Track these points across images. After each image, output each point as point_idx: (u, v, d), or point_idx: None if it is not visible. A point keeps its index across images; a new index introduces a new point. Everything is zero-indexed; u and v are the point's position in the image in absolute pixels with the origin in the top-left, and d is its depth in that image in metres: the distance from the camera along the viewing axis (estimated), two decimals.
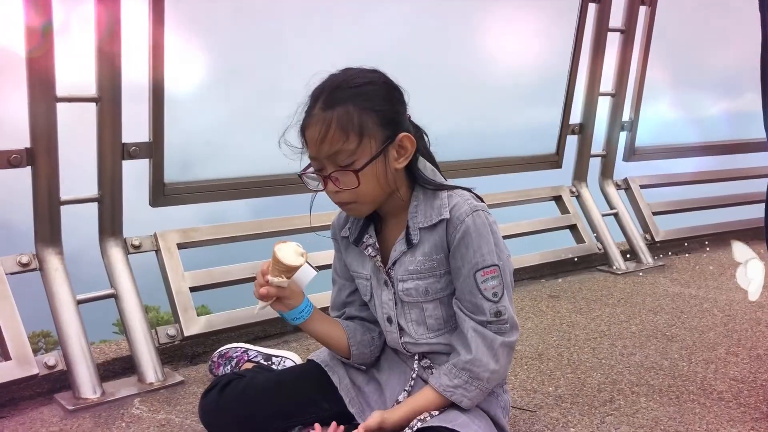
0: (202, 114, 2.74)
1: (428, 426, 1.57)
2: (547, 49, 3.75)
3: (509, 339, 1.62)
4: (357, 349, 1.78)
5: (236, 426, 1.75)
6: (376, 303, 1.77)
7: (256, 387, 1.77)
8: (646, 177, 4.23)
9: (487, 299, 1.59)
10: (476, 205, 1.61)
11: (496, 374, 1.62)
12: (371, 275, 1.75)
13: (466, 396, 1.61)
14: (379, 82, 1.58)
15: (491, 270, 1.59)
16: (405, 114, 1.63)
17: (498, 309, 1.60)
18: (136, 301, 2.40)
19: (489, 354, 1.60)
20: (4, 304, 2.18)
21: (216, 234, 2.72)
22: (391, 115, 1.57)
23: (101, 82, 2.27)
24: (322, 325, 1.76)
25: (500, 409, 1.73)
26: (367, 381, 1.81)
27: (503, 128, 3.77)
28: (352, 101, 1.52)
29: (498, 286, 1.60)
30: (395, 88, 1.62)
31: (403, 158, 1.59)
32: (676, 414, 2.05)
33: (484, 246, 1.58)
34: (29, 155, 2.22)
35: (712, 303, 3.14)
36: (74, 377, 2.20)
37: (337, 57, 1.68)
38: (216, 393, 1.77)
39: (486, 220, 1.60)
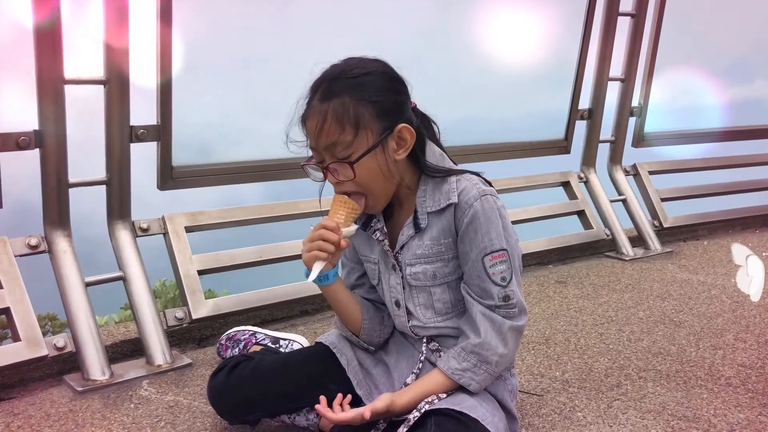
0: (211, 97, 2.74)
1: (436, 408, 1.57)
2: (556, 33, 3.72)
3: (518, 323, 1.62)
4: (368, 324, 1.78)
5: (244, 407, 1.77)
6: (384, 287, 1.77)
7: (264, 369, 1.77)
8: (655, 163, 4.21)
9: (495, 284, 1.59)
10: (485, 189, 1.60)
11: (504, 358, 1.62)
12: (379, 259, 1.75)
13: (474, 379, 1.61)
14: (377, 72, 1.56)
15: (500, 254, 1.58)
16: (406, 104, 1.61)
17: (506, 293, 1.60)
18: (144, 284, 2.41)
19: (498, 338, 1.60)
20: (13, 286, 2.19)
21: (224, 217, 2.72)
22: (389, 105, 1.55)
23: (109, 65, 2.26)
24: (344, 290, 1.76)
25: (507, 392, 1.73)
26: (375, 363, 1.82)
27: (512, 113, 3.76)
28: (348, 92, 1.52)
29: (506, 270, 1.60)
30: (395, 79, 1.60)
31: (403, 150, 1.58)
32: (684, 399, 2.05)
33: (493, 230, 1.58)
34: (38, 137, 2.22)
35: (721, 289, 3.13)
36: (83, 359, 2.21)
37: (348, 42, 1.69)
38: (224, 375, 1.78)
39: (494, 205, 1.59)
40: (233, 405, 1.77)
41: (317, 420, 1.82)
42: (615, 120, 3.99)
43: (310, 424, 1.84)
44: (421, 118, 1.65)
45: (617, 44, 3.75)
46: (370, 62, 1.59)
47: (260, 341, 2.27)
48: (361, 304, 1.79)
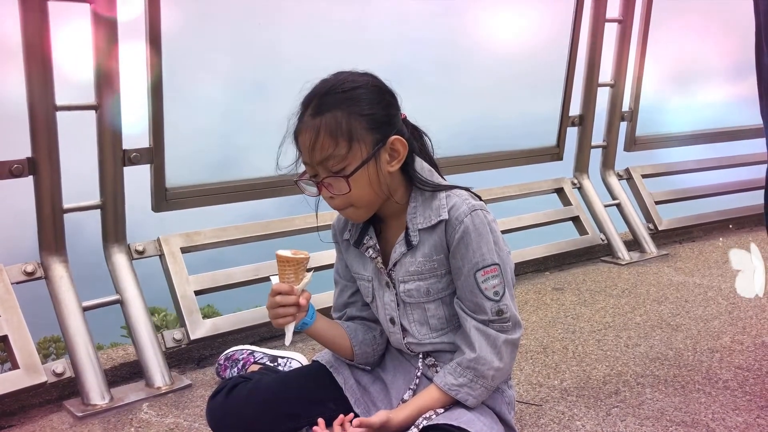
0: (203, 118, 2.75)
1: (434, 424, 1.57)
2: (544, 40, 3.74)
3: (512, 336, 1.63)
4: (359, 349, 1.79)
5: (243, 429, 1.76)
6: (378, 304, 1.77)
7: (262, 389, 1.77)
8: (647, 166, 4.23)
9: (488, 298, 1.60)
10: (474, 204, 1.61)
11: (500, 372, 1.63)
12: (372, 276, 1.76)
13: (471, 394, 1.62)
14: (368, 85, 1.57)
15: (491, 269, 1.59)
16: (397, 116, 1.61)
17: (499, 308, 1.60)
18: (142, 306, 2.42)
19: (493, 352, 1.61)
20: (10, 314, 2.19)
21: (219, 237, 2.72)
22: (381, 118, 1.56)
23: (100, 90, 2.28)
24: (326, 327, 1.77)
25: (505, 404, 1.73)
26: (373, 381, 1.82)
27: (503, 122, 3.77)
28: (340, 107, 1.52)
29: (499, 285, 1.60)
30: (386, 91, 1.61)
31: (396, 161, 1.59)
32: (682, 404, 2.06)
33: (484, 245, 1.58)
34: (31, 165, 2.24)
35: (717, 291, 3.14)
36: (82, 384, 2.21)
37: (339, 57, 1.69)
38: (222, 396, 1.78)
39: (485, 219, 1.60)
40: (232, 427, 1.76)
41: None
42: (606, 125, 4.01)
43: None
44: (411, 129, 1.66)
45: (605, 50, 3.77)
46: (360, 76, 1.59)
47: (258, 360, 2.28)
48: (348, 332, 1.79)
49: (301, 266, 1.60)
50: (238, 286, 2.67)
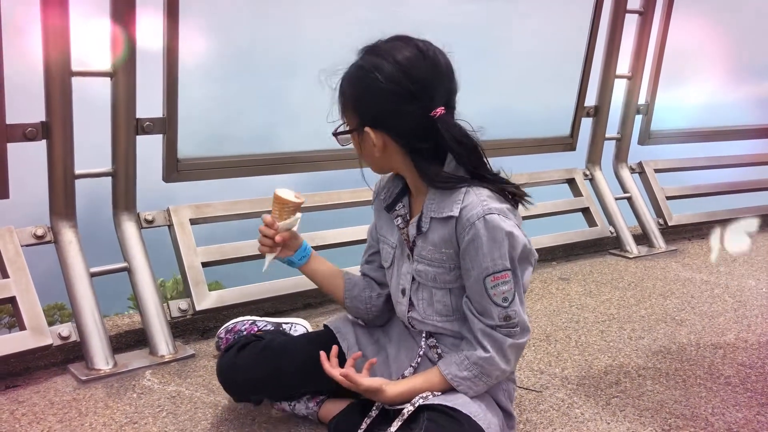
0: (217, 90, 2.75)
1: (429, 404, 1.59)
2: (563, 30, 3.71)
3: (518, 341, 1.60)
4: (350, 303, 1.86)
5: (250, 386, 1.81)
6: (394, 272, 1.78)
7: (273, 349, 1.82)
8: (660, 161, 4.21)
9: (496, 304, 1.56)
10: (490, 207, 1.53)
11: (504, 373, 1.64)
12: (397, 244, 1.75)
13: (472, 388, 1.62)
14: (375, 72, 1.52)
15: (502, 275, 1.54)
16: (395, 113, 1.54)
17: (507, 313, 1.57)
18: (149, 275, 2.44)
19: (500, 355, 1.59)
20: (19, 276, 2.21)
21: (229, 210, 2.73)
22: (365, 109, 1.57)
23: (116, 57, 2.28)
24: (321, 266, 1.86)
25: (502, 392, 1.73)
26: (377, 351, 1.83)
27: (517, 110, 3.75)
28: (348, 81, 1.59)
29: (509, 291, 1.56)
30: (392, 90, 1.51)
31: (378, 150, 1.59)
32: (682, 397, 2.06)
33: (496, 251, 1.53)
34: (45, 129, 2.25)
35: (723, 289, 3.13)
36: (87, 348, 2.23)
37: (352, 37, 1.68)
38: (234, 352, 1.82)
39: (500, 224, 1.52)
40: (240, 383, 1.81)
41: (317, 409, 1.86)
42: (621, 117, 3.99)
43: (309, 413, 1.88)
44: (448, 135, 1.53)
45: (624, 41, 3.74)
46: (389, 53, 1.53)
47: (262, 328, 2.29)
48: (346, 285, 1.86)
49: (287, 207, 1.71)
50: (246, 260, 2.67)
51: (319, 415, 1.86)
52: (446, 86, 1.57)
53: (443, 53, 1.59)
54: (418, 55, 1.53)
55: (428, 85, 1.53)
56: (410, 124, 1.55)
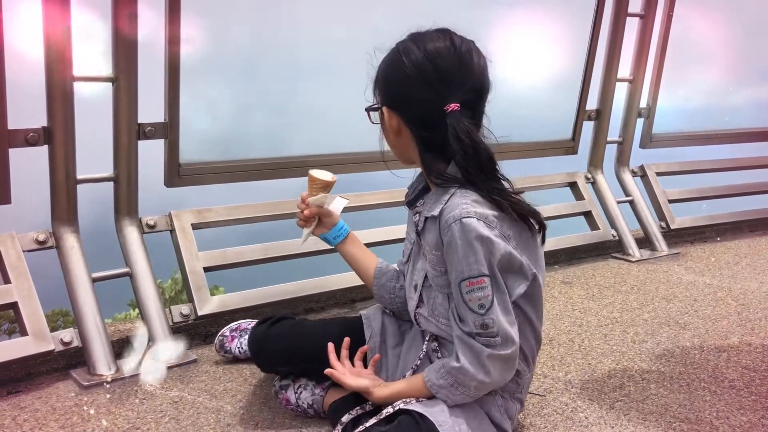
0: (219, 94, 2.75)
1: (405, 409, 1.60)
2: (564, 33, 3.71)
3: (500, 352, 1.53)
4: (377, 291, 1.93)
5: (278, 356, 1.91)
6: (410, 267, 1.79)
7: (305, 326, 1.92)
8: (662, 164, 4.20)
9: (471, 310, 1.52)
10: (469, 211, 1.50)
11: (485, 385, 1.58)
12: (415, 240, 1.75)
13: (449, 397, 1.60)
14: (403, 56, 1.56)
15: (478, 281, 1.50)
16: (413, 98, 1.55)
17: (484, 321, 1.51)
18: (151, 280, 2.43)
19: (476, 365, 1.54)
20: (21, 281, 2.21)
21: (230, 215, 2.73)
22: (387, 90, 1.61)
23: (118, 62, 2.28)
24: (357, 250, 1.96)
25: (496, 407, 1.70)
26: (394, 345, 1.87)
27: (519, 113, 3.75)
28: (384, 61, 1.62)
29: (485, 297, 1.50)
30: (413, 76, 1.53)
31: (393, 132, 1.62)
32: (686, 401, 2.05)
33: (471, 255, 1.49)
34: (46, 134, 2.25)
35: (726, 292, 3.13)
36: (89, 354, 2.23)
37: (354, 41, 1.70)
38: (267, 325, 1.94)
39: (475, 228, 1.48)
40: (270, 353, 1.92)
41: (323, 394, 1.90)
42: (622, 121, 3.99)
43: (315, 400, 1.91)
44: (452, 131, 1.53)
45: (625, 45, 3.74)
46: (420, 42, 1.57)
47: None
48: (376, 272, 1.93)
49: (315, 185, 1.88)
50: (247, 265, 2.67)
51: (325, 401, 1.89)
52: (470, 84, 1.56)
53: (480, 54, 1.59)
54: (449, 48, 1.55)
55: (449, 78, 1.53)
56: (422, 111, 1.56)
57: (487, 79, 1.60)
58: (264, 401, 2.04)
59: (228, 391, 2.13)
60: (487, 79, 1.59)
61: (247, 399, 2.06)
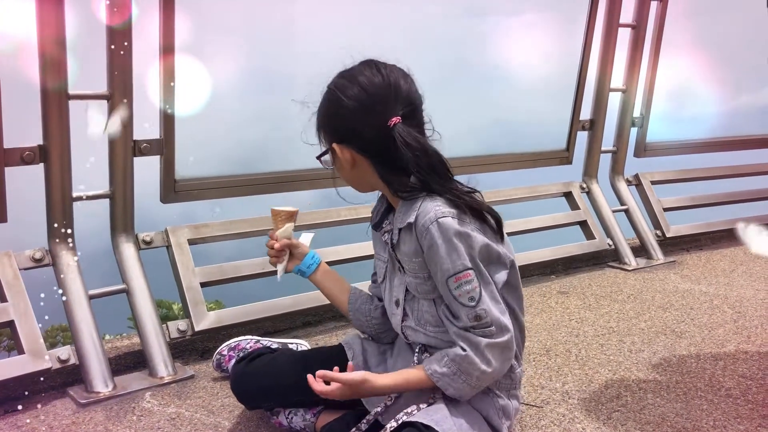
0: (215, 110, 2.76)
1: (409, 421, 1.60)
2: (557, 44, 3.74)
3: (496, 340, 1.59)
4: (353, 315, 1.94)
5: (261, 394, 1.89)
6: (387, 286, 1.82)
7: (281, 361, 1.89)
8: (657, 173, 4.22)
9: (463, 305, 1.58)
10: (443, 211, 1.58)
11: (486, 375, 1.61)
12: (388, 259, 1.79)
13: (451, 385, 1.62)
14: (339, 92, 1.63)
15: (464, 275, 1.56)
16: (362, 131, 1.61)
17: (476, 313, 1.57)
18: (148, 297, 2.43)
19: (478, 356, 1.59)
20: (18, 300, 2.21)
21: (227, 230, 2.74)
22: (333, 128, 1.67)
23: (112, 80, 2.29)
24: (330, 278, 1.96)
25: (494, 409, 1.72)
26: (378, 363, 1.88)
27: (513, 124, 3.77)
28: (320, 104, 1.69)
29: (474, 290, 1.57)
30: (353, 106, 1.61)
31: (349, 165, 1.67)
32: (683, 410, 2.05)
33: (453, 252, 1.56)
34: (42, 152, 2.25)
35: (723, 300, 3.13)
36: (86, 371, 2.23)
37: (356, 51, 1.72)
38: (245, 363, 1.91)
39: (452, 226, 1.56)
40: (253, 392, 1.90)
41: (314, 420, 1.90)
42: (616, 130, 4.01)
43: (306, 425, 1.91)
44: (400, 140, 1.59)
45: (618, 55, 3.77)
46: (352, 76, 1.64)
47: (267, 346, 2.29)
48: (350, 296, 1.95)
49: (279, 217, 1.91)
50: (245, 279, 2.67)
51: (317, 426, 1.90)
52: (402, 99, 1.63)
53: (404, 72, 1.67)
54: (376, 74, 1.64)
55: (384, 99, 1.61)
56: (370, 135, 1.62)
57: (416, 92, 1.67)
58: (261, 417, 2.04)
59: (226, 407, 2.13)
60: (415, 92, 1.67)
61: (244, 415, 2.06)
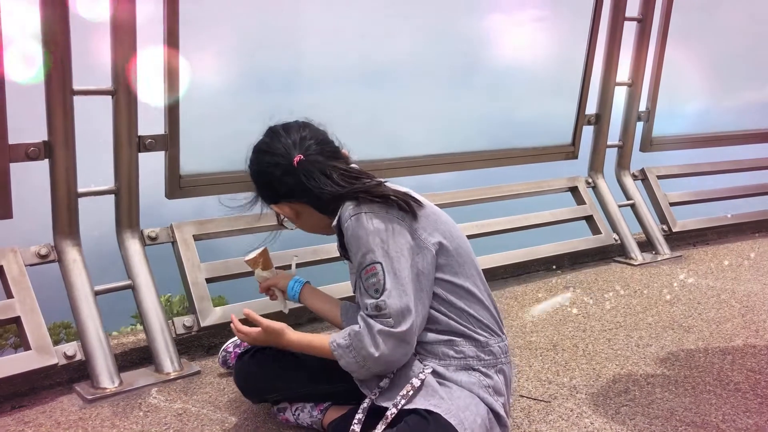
0: (219, 105, 2.75)
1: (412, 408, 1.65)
2: (562, 39, 3.72)
3: (391, 329, 1.65)
4: (347, 325, 1.92)
5: (265, 388, 1.93)
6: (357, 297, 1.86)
7: (285, 356, 1.89)
8: (663, 167, 4.20)
9: (369, 295, 1.67)
10: (353, 210, 1.71)
11: (374, 358, 1.66)
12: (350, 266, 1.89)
13: (343, 357, 1.71)
14: (253, 166, 1.84)
15: (371, 268, 1.67)
16: (279, 186, 1.78)
17: (377, 304, 1.66)
18: (153, 292, 2.43)
19: (368, 338, 1.66)
20: (23, 296, 2.21)
21: (232, 226, 2.73)
22: (265, 192, 1.85)
23: (117, 75, 2.29)
24: (316, 300, 2.03)
25: (483, 388, 1.74)
26: None
27: (519, 119, 3.75)
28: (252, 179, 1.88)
29: (378, 282, 1.66)
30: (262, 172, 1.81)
31: (294, 216, 1.83)
32: (692, 404, 2.04)
33: (363, 246, 1.68)
34: (47, 148, 2.25)
35: (730, 294, 3.12)
36: (92, 367, 2.23)
37: (349, 50, 1.71)
38: (248, 358, 1.96)
39: (363, 222, 1.68)
40: (257, 387, 1.94)
41: (321, 417, 1.91)
42: (622, 125, 3.99)
43: (313, 422, 1.93)
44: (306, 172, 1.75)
45: (624, 49, 3.75)
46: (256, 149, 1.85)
47: None
48: (341, 309, 1.98)
49: (255, 265, 2.08)
50: (250, 275, 2.66)
51: (323, 422, 1.91)
52: (299, 142, 1.78)
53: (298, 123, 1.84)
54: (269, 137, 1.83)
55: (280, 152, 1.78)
56: (289, 183, 1.76)
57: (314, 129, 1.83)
58: (268, 412, 2.03)
59: (232, 403, 2.12)
60: (314, 129, 1.83)
61: (251, 411, 2.06)
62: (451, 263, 1.76)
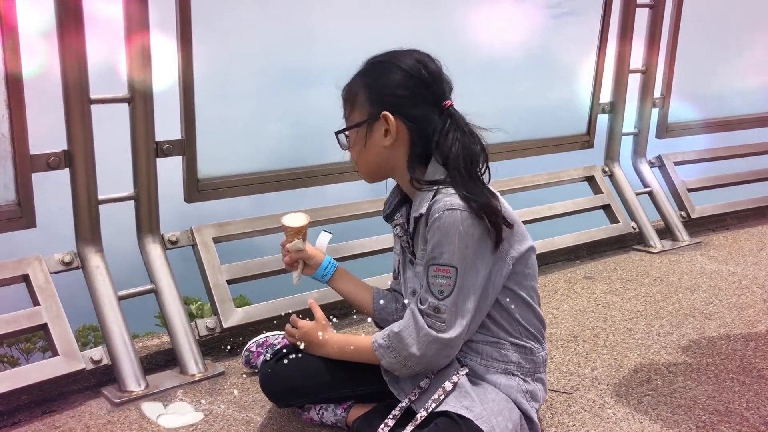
0: (235, 107, 2.77)
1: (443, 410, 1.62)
2: (574, 27, 3.70)
3: (438, 335, 1.61)
4: (379, 314, 1.96)
5: (290, 392, 1.89)
6: (401, 278, 1.86)
7: (311, 357, 1.86)
8: (680, 153, 4.17)
9: (432, 294, 1.61)
10: (454, 203, 1.59)
11: (415, 360, 1.64)
12: (401, 252, 1.84)
13: (384, 357, 1.68)
14: (394, 65, 1.66)
15: (445, 269, 1.59)
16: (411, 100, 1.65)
17: (438, 306, 1.61)
18: (176, 295, 2.46)
19: (413, 338, 1.63)
20: (49, 303, 2.25)
21: (251, 227, 2.75)
22: (384, 96, 1.66)
23: (132, 83, 2.31)
24: (348, 284, 2.00)
25: (521, 393, 1.73)
26: None
27: (533, 110, 3.74)
28: (361, 76, 1.71)
29: (447, 286, 1.60)
30: (410, 76, 1.65)
31: (389, 138, 1.67)
32: (715, 393, 2.04)
33: (446, 244, 1.58)
34: (67, 157, 2.28)
35: (751, 280, 3.10)
36: (119, 371, 2.26)
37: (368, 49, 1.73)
38: (272, 363, 1.92)
39: (457, 221, 1.57)
40: (281, 391, 1.90)
41: (345, 415, 1.91)
42: (637, 112, 3.97)
43: (338, 420, 1.93)
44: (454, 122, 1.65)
45: (636, 36, 3.72)
46: (402, 54, 1.68)
47: None
48: (374, 296, 1.97)
49: (290, 232, 1.92)
50: (270, 275, 2.69)
51: (348, 420, 1.91)
52: (450, 88, 1.71)
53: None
54: (426, 57, 1.70)
55: (438, 79, 1.68)
56: (424, 110, 1.65)
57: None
58: (292, 412, 2.05)
59: (257, 402, 2.15)
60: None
61: (276, 410, 2.08)
62: (519, 272, 1.72)
